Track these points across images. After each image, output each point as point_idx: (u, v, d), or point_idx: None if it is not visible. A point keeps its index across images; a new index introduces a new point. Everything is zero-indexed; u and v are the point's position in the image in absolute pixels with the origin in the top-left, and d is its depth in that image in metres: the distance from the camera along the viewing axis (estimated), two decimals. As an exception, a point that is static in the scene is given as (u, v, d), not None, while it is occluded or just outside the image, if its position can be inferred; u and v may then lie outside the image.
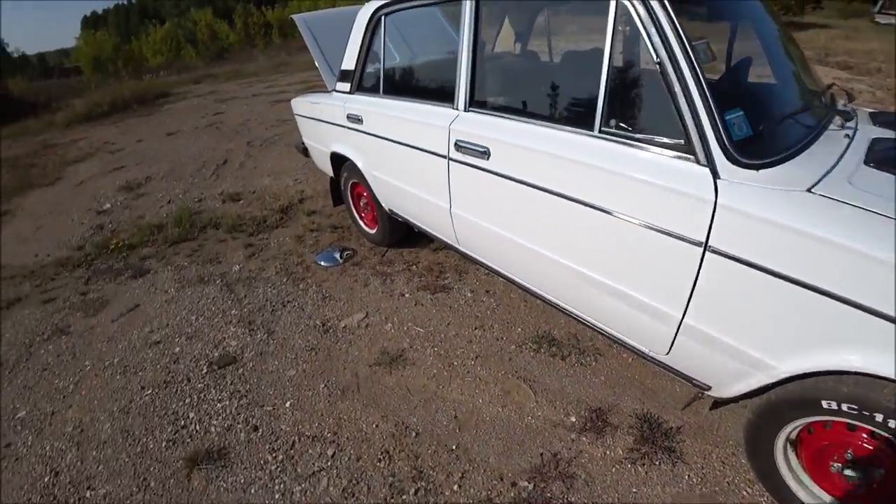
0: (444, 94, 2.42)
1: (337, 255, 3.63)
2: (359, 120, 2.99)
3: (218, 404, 2.51)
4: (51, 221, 5.80)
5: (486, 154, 2.11)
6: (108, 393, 2.76)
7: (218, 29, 33.65)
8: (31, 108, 17.64)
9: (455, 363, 2.62)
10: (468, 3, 2.20)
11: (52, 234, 5.35)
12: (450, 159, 2.32)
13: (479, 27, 2.21)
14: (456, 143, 2.25)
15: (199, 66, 26.05)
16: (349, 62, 3.10)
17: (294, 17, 3.72)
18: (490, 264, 2.54)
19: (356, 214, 3.82)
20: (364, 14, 2.92)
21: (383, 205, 3.25)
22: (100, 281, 4.06)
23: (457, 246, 2.69)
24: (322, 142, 3.67)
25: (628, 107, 1.71)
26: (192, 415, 2.48)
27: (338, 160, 3.57)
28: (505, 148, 2.04)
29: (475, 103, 2.26)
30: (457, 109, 2.31)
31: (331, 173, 3.80)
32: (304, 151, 4.16)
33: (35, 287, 4.22)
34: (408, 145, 2.59)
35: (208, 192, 5.53)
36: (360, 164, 3.19)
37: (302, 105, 3.85)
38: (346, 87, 3.15)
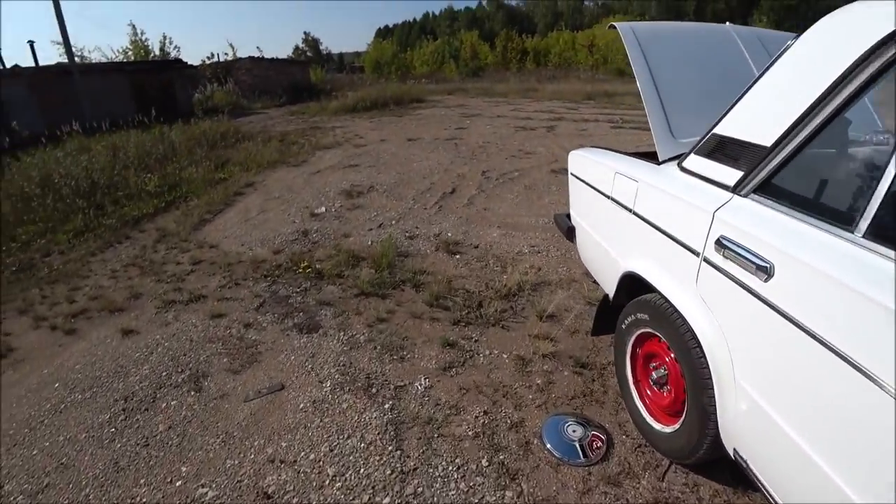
0: None
1: (577, 443, 1.95)
2: (761, 268, 1.21)
3: None
4: (274, 207, 5.44)
5: None
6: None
7: (479, 49, 35.06)
8: (318, 93, 20.35)
9: None
10: None
11: (267, 224, 4.89)
12: None
13: None
14: None
15: (455, 80, 27.25)
16: (750, 127, 1.39)
17: (617, 24, 2.16)
18: None
19: (633, 384, 2.05)
20: (868, 22, 1.16)
21: (726, 440, 1.45)
22: (269, 313, 3.16)
23: None
24: (615, 242, 2.05)
25: None
26: None
27: (633, 283, 1.91)
28: None
29: None
30: None
31: (607, 290, 2.16)
32: (568, 232, 2.58)
33: (218, 288, 3.56)
34: None
35: (423, 229, 4.40)
36: (706, 340, 1.44)
37: (591, 167, 2.28)
38: (725, 174, 1.44)
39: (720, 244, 1.36)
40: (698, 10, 39.81)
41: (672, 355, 1.76)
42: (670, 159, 1.75)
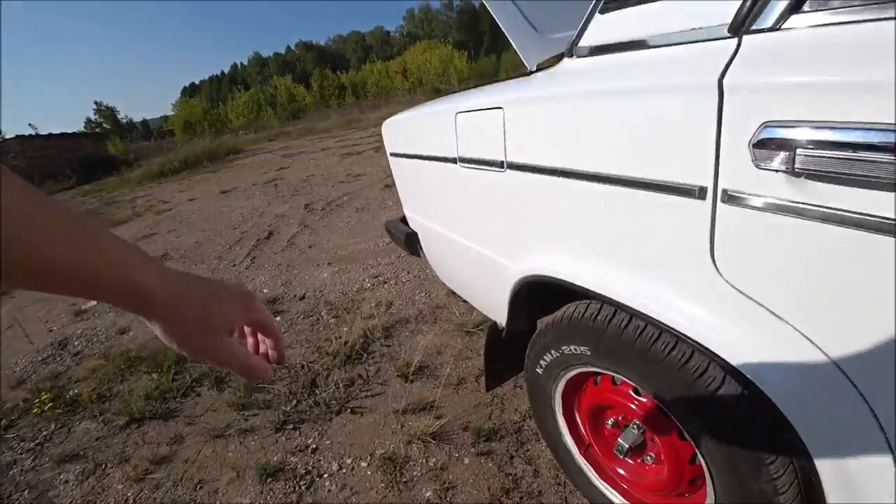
0: None
1: None
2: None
3: None
4: (31, 314, 3.77)
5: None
6: None
7: (295, 91, 33.68)
8: (118, 167, 17.18)
9: None
10: None
11: (14, 345, 3.26)
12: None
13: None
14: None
15: (275, 126, 25.61)
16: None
17: None
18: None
19: (582, 454, 1.18)
20: None
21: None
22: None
23: None
24: (490, 234, 1.20)
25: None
26: None
27: (537, 292, 1.09)
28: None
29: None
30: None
31: (492, 315, 1.33)
32: (408, 241, 1.70)
33: None
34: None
35: (233, 292, 3.22)
36: (773, 388, 0.63)
37: (415, 128, 1.45)
38: (699, 10, 0.66)
39: (765, 147, 0.54)
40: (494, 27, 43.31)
41: (643, 399, 0.98)
42: (547, 63, 0.98)
